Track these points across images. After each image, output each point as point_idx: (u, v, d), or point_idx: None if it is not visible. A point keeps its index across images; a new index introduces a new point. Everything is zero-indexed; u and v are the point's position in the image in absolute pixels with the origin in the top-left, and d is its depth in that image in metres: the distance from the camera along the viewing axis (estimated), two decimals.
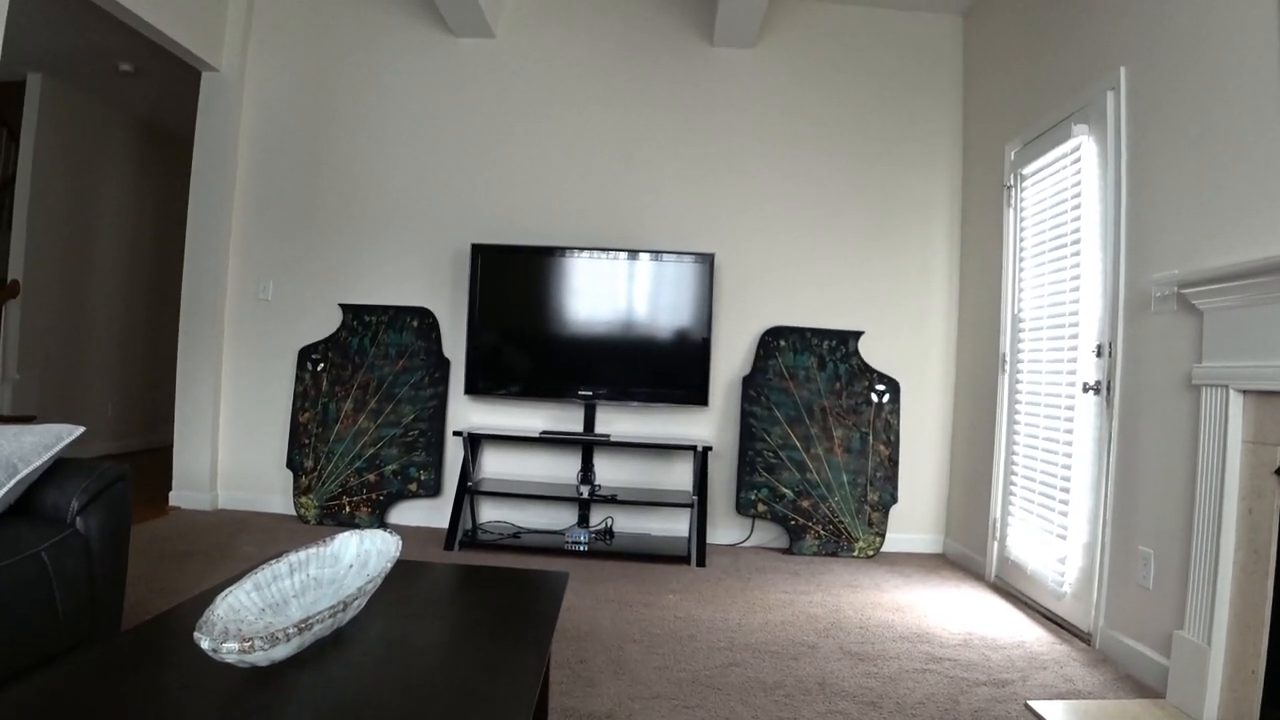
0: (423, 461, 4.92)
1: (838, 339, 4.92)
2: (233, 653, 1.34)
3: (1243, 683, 2.41)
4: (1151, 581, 2.95)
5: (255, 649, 1.35)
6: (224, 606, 1.55)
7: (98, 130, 6.92)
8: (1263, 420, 2.43)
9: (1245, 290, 2.45)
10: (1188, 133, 2.89)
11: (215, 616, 1.49)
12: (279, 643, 1.38)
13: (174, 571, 3.64)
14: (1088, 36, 3.62)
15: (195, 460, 5.13)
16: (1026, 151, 4.13)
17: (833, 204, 5.09)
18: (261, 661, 1.39)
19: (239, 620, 1.55)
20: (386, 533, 1.90)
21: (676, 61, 5.15)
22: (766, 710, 2.52)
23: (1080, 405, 3.48)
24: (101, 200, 7.02)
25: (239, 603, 1.60)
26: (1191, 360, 2.78)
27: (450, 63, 5.19)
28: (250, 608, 1.62)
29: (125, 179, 7.31)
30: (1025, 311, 4.10)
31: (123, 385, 7.40)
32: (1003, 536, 4.19)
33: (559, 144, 5.14)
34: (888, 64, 5.13)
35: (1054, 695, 2.74)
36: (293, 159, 5.23)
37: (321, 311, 5.16)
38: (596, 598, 3.66)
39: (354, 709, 1.32)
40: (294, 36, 5.26)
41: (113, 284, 7.23)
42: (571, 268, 4.83)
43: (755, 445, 4.81)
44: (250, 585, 1.66)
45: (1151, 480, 3.01)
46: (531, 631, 1.74)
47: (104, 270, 7.10)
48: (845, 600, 3.83)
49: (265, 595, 1.68)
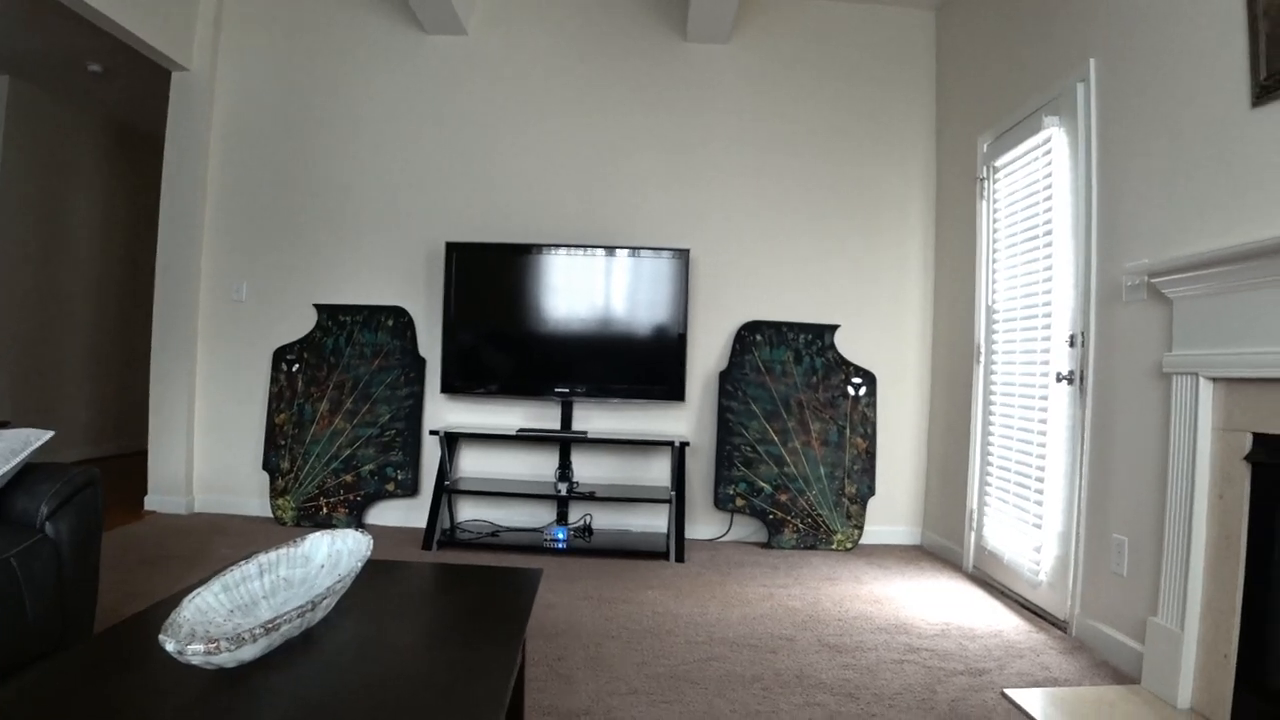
0: (400, 461, 4.89)
1: (814, 333, 4.93)
2: (198, 654, 1.32)
3: (1216, 667, 2.44)
4: (1125, 569, 2.97)
5: (221, 650, 1.33)
6: (191, 608, 1.53)
7: (68, 132, 6.83)
8: (1232, 407, 2.45)
9: (1213, 279, 2.47)
10: (1156, 124, 2.91)
11: (182, 618, 1.47)
12: (245, 643, 1.36)
13: (149, 577, 3.59)
14: (1058, 29, 3.64)
15: (170, 464, 5.08)
16: (999, 144, 4.15)
17: (807, 198, 5.09)
18: (229, 663, 1.37)
19: (207, 622, 1.53)
20: (358, 532, 1.88)
21: (650, 58, 5.14)
22: (745, 704, 2.52)
23: (1054, 395, 3.50)
24: (73, 202, 6.93)
25: (207, 604, 1.58)
26: (1162, 349, 2.80)
27: (423, 60, 5.15)
28: (219, 609, 1.60)
29: (96, 181, 7.22)
30: (999, 303, 4.12)
31: (97, 389, 7.31)
32: (979, 527, 4.21)
33: (533, 141, 5.12)
34: (861, 58, 5.13)
35: (1031, 683, 2.76)
36: (265, 159, 5.18)
37: (296, 312, 5.12)
38: (575, 595, 3.65)
39: (323, 710, 1.30)
40: (265, 35, 5.21)
41: (85, 287, 7.14)
42: (547, 265, 4.81)
43: (733, 440, 4.81)
44: (219, 587, 1.64)
45: (1124, 468, 3.04)
46: (504, 629, 1.72)
47: (76, 273, 7.01)
48: (824, 593, 3.83)
49: (234, 596, 1.66)
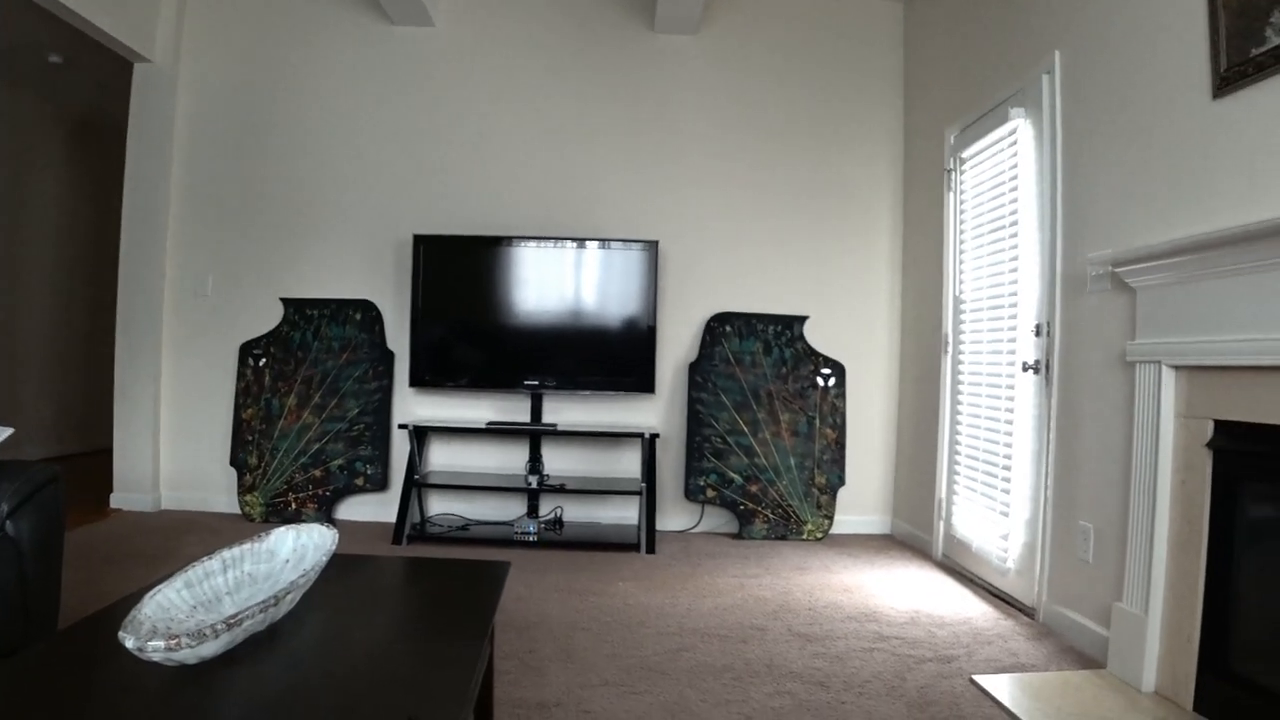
0: (369, 456, 4.85)
1: (783, 324, 4.94)
2: (159, 651, 1.30)
3: (1179, 650, 2.47)
4: (1091, 555, 3.01)
5: (182, 646, 1.31)
6: (152, 605, 1.50)
7: (28, 124, 6.67)
8: (1194, 395, 2.48)
9: (1176, 268, 2.50)
10: (1120, 115, 2.94)
11: (143, 615, 1.44)
12: (207, 639, 1.33)
13: (114, 575, 3.53)
14: (1023, 21, 3.66)
15: (136, 461, 5.00)
16: (966, 135, 4.18)
17: (776, 189, 5.10)
18: (190, 659, 1.35)
19: (169, 619, 1.50)
20: (324, 526, 1.86)
21: (618, 49, 5.11)
22: (715, 693, 2.52)
23: (1020, 384, 3.53)
24: (34, 196, 6.78)
25: (169, 601, 1.55)
26: (1126, 338, 2.83)
27: (389, 52, 5.10)
28: (181, 606, 1.57)
29: (58, 174, 7.07)
30: (966, 293, 4.15)
31: (60, 386, 7.17)
32: (948, 515, 4.25)
33: (501, 133, 5.08)
34: (830, 50, 5.14)
35: (998, 669, 2.78)
36: (230, 151, 5.10)
37: (262, 306, 5.06)
38: (546, 587, 3.64)
39: (286, 705, 1.29)
40: (229, 25, 5.12)
41: (47, 282, 6.99)
42: (515, 257, 4.78)
43: (703, 431, 4.81)
44: (181, 583, 1.61)
45: (1090, 456, 3.07)
46: (471, 622, 1.71)
47: (38, 268, 6.87)
48: (794, 583, 3.85)
49: (197, 593, 1.63)
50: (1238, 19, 2.33)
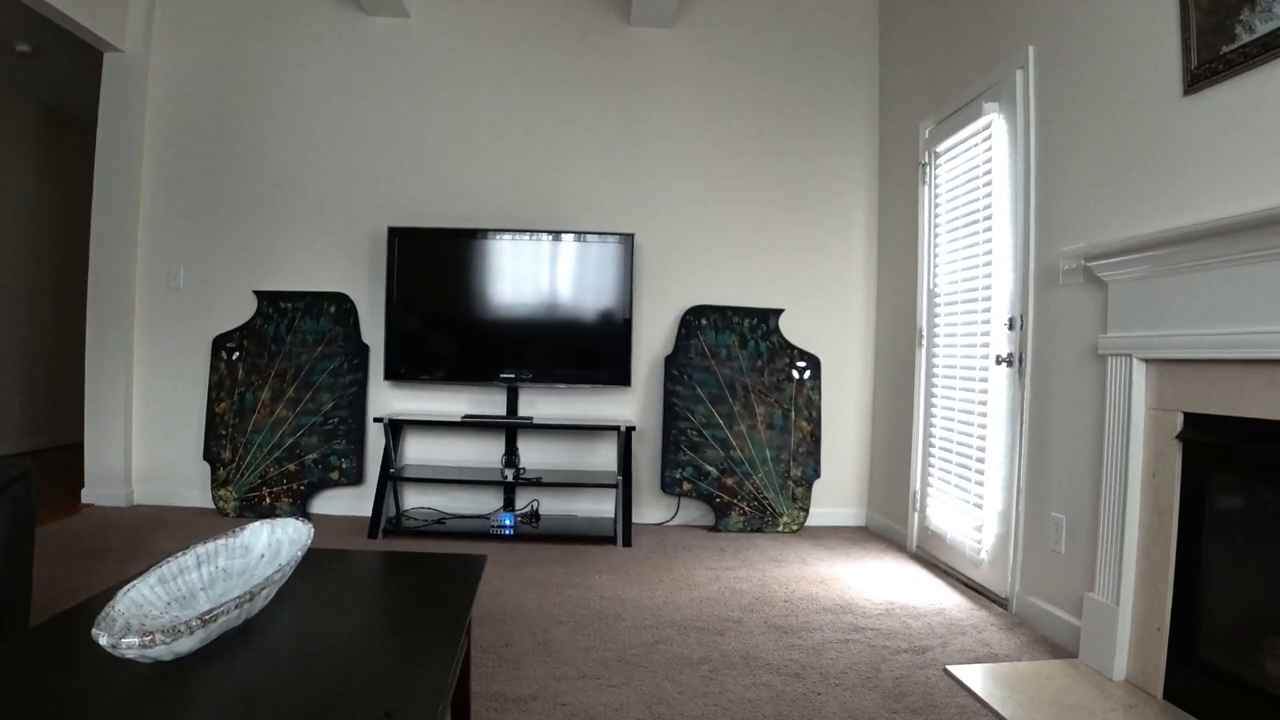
0: (344, 449, 4.81)
1: (758, 317, 4.95)
2: (133, 648, 1.28)
3: (1149, 640, 2.51)
4: (1063, 546, 3.04)
5: (157, 643, 1.29)
6: (126, 601, 1.48)
7: None
8: (1164, 388, 2.51)
9: (1147, 262, 2.53)
10: (1093, 111, 2.97)
11: (116, 612, 1.42)
12: (181, 636, 1.32)
13: (86, 572, 3.49)
14: (998, 16, 3.68)
15: (108, 456, 4.94)
16: (940, 129, 4.20)
17: (752, 182, 5.11)
18: (165, 656, 1.33)
19: (143, 615, 1.48)
20: (299, 521, 1.85)
21: (593, 42, 5.09)
22: (692, 685, 2.53)
23: (994, 377, 3.56)
24: (1, 188, 6.65)
25: (142, 597, 1.53)
26: (1097, 331, 2.86)
27: (364, 42, 5.05)
28: (155, 602, 1.55)
29: (25, 165, 6.94)
30: (940, 286, 4.17)
31: (30, 380, 7.05)
32: (923, 507, 4.28)
33: (477, 125, 5.05)
34: (805, 43, 5.15)
35: (972, 659, 2.81)
36: (201, 143, 5.04)
37: (235, 299, 5.00)
38: (522, 581, 3.63)
39: (261, 701, 1.27)
40: (200, 14, 5.05)
41: (15, 275, 6.87)
42: (491, 249, 4.76)
43: (679, 424, 4.82)
44: (155, 579, 1.59)
45: (1062, 448, 3.10)
46: (447, 615, 1.70)
47: (5, 261, 6.74)
48: (770, 575, 3.87)
49: (171, 589, 1.61)
50: (1209, 16, 2.35)
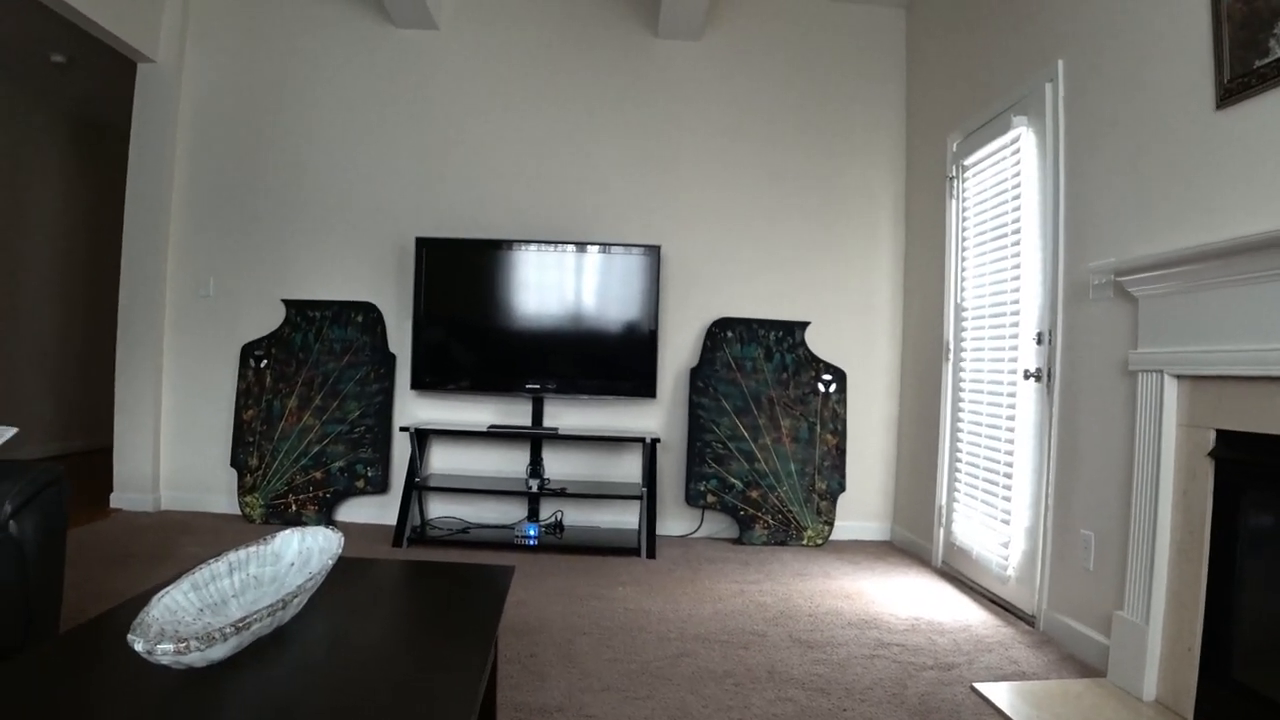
0: (370, 458, 4.85)
1: (784, 329, 4.94)
2: (168, 654, 1.30)
3: (1180, 660, 2.48)
4: (1092, 563, 3.01)
5: (191, 650, 1.31)
6: (160, 608, 1.50)
7: (30, 124, 6.68)
8: (1196, 404, 2.49)
9: (1178, 278, 2.51)
10: (1124, 125, 2.95)
11: (151, 618, 1.44)
12: (216, 643, 1.34)
13: (114, 575, 3.53)
14: (1026, 29, 3.67)
15: (137, 461, 5.00)
16: (968, 142, 4.19)
17: (778, 195, 5.11)
18: (199, 662, 1.35)
19: (176, 621, 1.50)
20: (329, 529, 1.86)
21: (622, 54, 5.12)
22: (716, 699, 2.52)
23: (1022, 392, 3.54)
24: (35, 197, 6.78)
25: (176, 604, 1.55)
26: (1128, 347, 2.84)
27: (393, 54, 5.11)
28: (188, 608, 1.57)
29: (59, 174, 7.07)
30: (968, 300, 4.15)
31: (62, 386, 7.17)
32: (948, 522, 4.25)
33: (504, 136, 5.09)
34: (832, 55, 5.15)
35: (999, 677, 2.79)
36: (233, 153, 5.11)
37: (264, 307, 5.06)
38: (546, 591, 3.64)
39: (294, 710, 1.29)
40: (233, 27, 5.13)
41: (49, 282, 6.99)
42: (517, 260, 4.78)
43: (704, 436, 4.81)
44: (188, 585, 1.61)
45: (1091, 465, 3.07)
46: (476, 626, 1.71)
47: (39, 268, 6.87)
48: (794, 588, 3.85)
49: (203, 595, 1.63)
50: (1241, 30, 2.34)
